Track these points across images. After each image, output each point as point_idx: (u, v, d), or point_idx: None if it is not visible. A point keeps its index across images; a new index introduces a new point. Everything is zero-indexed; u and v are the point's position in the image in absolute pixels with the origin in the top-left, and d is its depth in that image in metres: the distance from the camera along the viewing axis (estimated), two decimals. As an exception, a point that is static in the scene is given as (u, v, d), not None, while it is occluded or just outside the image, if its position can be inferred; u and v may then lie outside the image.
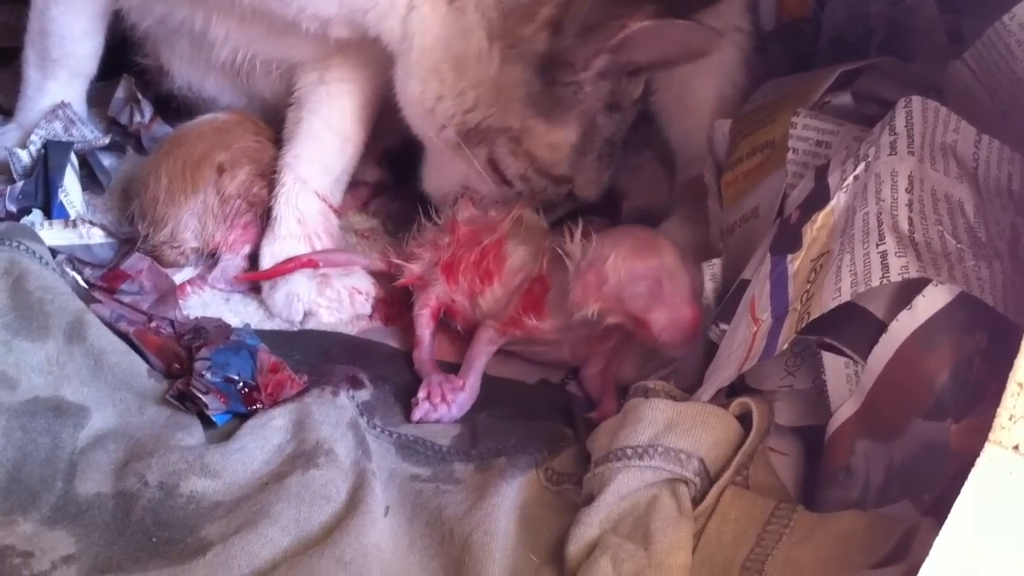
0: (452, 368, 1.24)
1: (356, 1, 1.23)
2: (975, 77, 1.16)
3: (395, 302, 1.34)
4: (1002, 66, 1.14)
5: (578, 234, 1.18)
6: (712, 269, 1.15)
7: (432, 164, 1.36)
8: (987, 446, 0.76)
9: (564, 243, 1.19)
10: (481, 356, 1.23)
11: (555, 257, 1.20)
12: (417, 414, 1.17)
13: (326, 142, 1.39)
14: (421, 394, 1.19)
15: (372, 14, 1.24)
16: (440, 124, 1.26)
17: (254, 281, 1.35)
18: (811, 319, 0.95)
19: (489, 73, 1.20)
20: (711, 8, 1.28)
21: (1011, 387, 0.76)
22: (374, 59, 1.30)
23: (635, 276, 1.13)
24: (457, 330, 1.30)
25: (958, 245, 0.96)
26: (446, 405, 1.18)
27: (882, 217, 0.96)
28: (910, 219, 0.96)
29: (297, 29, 1.27)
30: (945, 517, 0.76)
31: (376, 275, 1.36)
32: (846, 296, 0.94)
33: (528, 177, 1.28)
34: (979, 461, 0.76)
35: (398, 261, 1.32)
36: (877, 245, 0.94)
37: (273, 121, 1.44)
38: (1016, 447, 0.76)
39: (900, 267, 0.92)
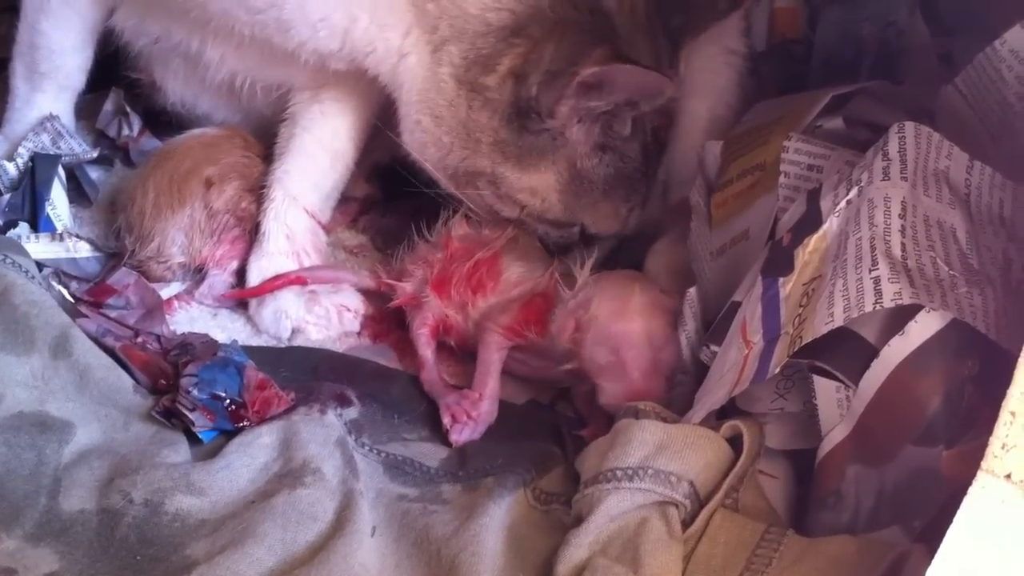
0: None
1: (357, 44, 1.24)
2: (966, 102, 1.17)
3: (384, 319, 1.34)
4: (992, 91, 1.14)
5: (589, 264, 1.20)
6: (689, 300, 1.15)
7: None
8: (979, 474, 0.76)
9: (573, 267, 1.21)
10: (495, 360, 1.23)
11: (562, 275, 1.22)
12: (455, 436, 1.17)
13: (317, 159, 1.39)
14: (446, 420, 1.18)
15: (371, 58, 1.25)
16: (433, 170, 1.28)
17: (242, 298, 1.34)
18: (803, 343, 0.95)
19: (460, 119, 1.22)
20: (706, 31, 1.29)
21: (1004, 416, 0.76)
22: (368, 82, 1.30)
23: (602, 338, 1.14)
24: (452, 350, 1.29)
25: (951, 272, 0.96)
26: (472, 422, 1.17)
27: (875, 242, 0.96)
28: (903, 245, 0.96)
29: (296, 58, 1.27)
30: (935, 543, 0.76)
31: (365, 292, 1.36)
32: (839, 321, 0.93)
33: (525, 221, 1.28)
34: (971, 489, 0.76)
35: (389, 281, 1.31)
36: (870, 271, 0.94)
37: (266, 136, 1.44)
38: (1008, 476, 0.75)
39: (893, 293, 0.92)
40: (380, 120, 1.39)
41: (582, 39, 1.17)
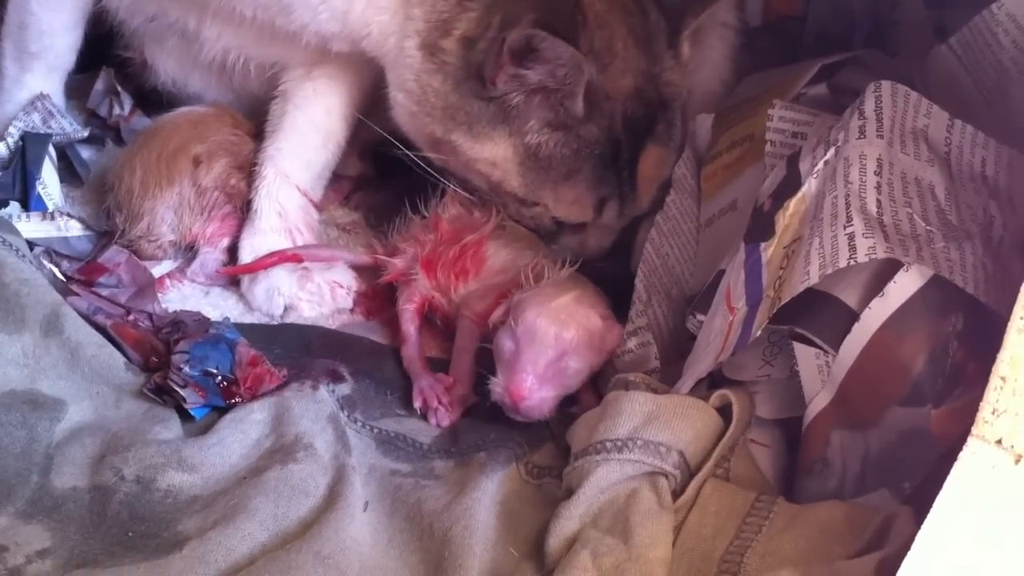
0: (438, 364, 1.24)
1: (355, 26, 1.24)
2: (960, 63, 1.17)
3: (376, 296, 1.34)
4: (987, 54, 1.14)
5: (568, 267, 1.21)
6: (633, 327, 1.16)
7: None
8: (970, 440, 0.76)
9: (552, 266, 1.21)
10: (468, 347, 1.23)
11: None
12: (433, 420, 1.17)
13: (309, 137, 1.38)
14: (417, 404, 1.18)
15: (367, 40, 1.25)
16: (417, 142, 1.28)
17: (235, 275, 1.34)
18: (782, 304, 0.95)
19: (422, 86, 1.22)
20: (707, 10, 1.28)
21: (994, 381, 0.76)
22: (361, 61, 1.30)
23: (512, 329, 1.13)
24: (439, 326, 1.29)
25: (927, 227, 0.96)
26: (444, 407, 1.17)
27: (850, 199, 0.96)
28: (878, 201, 0.96)
29: (296, 39, 1.27)
30: (925, 505, 0.76)
31: (358, 269, 1.36)
32: (815, 279, 0.93)
33: (495, 194, 1.27)
34: (962, 455, 0.76)
35: (383, 257, 1.31)
36: (845, 227, 0.94)
37: (256, 116, 1.43)
38: (999, 441, 0.76)
39: (868, 248, 0.92)
40: (371, 99, 1.38)
41: (523, 10, 1.15)
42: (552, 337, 1.11)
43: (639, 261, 1.21)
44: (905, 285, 0.93)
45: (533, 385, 1.11)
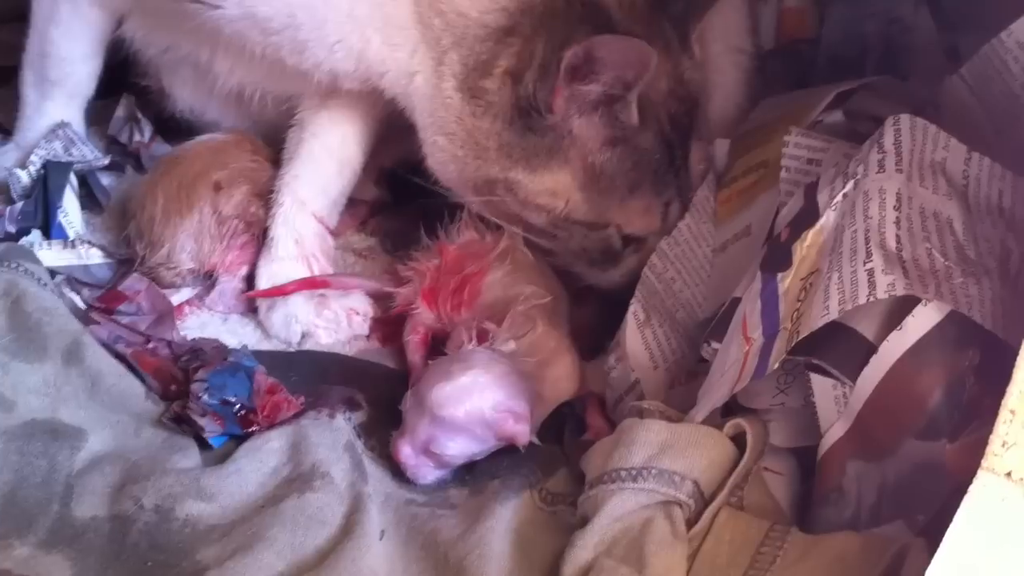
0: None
1: (371, 65, 1.24)
2: (971, 92, 1.16)
3: (393, 323, 1.33)
4: (998, 82, 1.14)
5: (539, 329, 1.19)
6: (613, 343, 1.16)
7: None
8: (980, 473, 0.76)
9: (543, 312, 1.21)
10: None
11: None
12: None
13: (325, 165, 1.39)
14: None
15: (385, 78, 1.25)
16: (459, 189, 1.27)
17: (254, 300, 1.35)
18: (800, 337, 0.95)
19: (467, 129, 1.21)
20: (713, 29, 1.29)
21: (1003, 414, 0.76)
22: (377, 90, 1.31)
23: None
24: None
25: (946, 262, 0.95)
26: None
27: (869, 235, 0.96)
28: (898, 237, 0.96)
29: (307, 76, 1.28)
30: (938, 538, 0.76)
31: (374, 296, 1.36)
32: (834, 314, 0.93)
33: (558, 227, 1.25)
34: (972, 488, 0.76)
35: (389, 289, 1.31)
36: (864, 263, 0.94)
37: (275, 142, 1.44)
38: (1009, 474, 0.75)
39: (887, 284, 0.92)
40: (387, 126, 1.39)
41: (572, 28, 1.15)
42: (432, 413, 1.09)
43: None
44: (923, 319, 0.93)
45: (409, 453, 1.11)
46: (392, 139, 1.41)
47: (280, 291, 1.33)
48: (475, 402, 1.09)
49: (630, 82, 1.15)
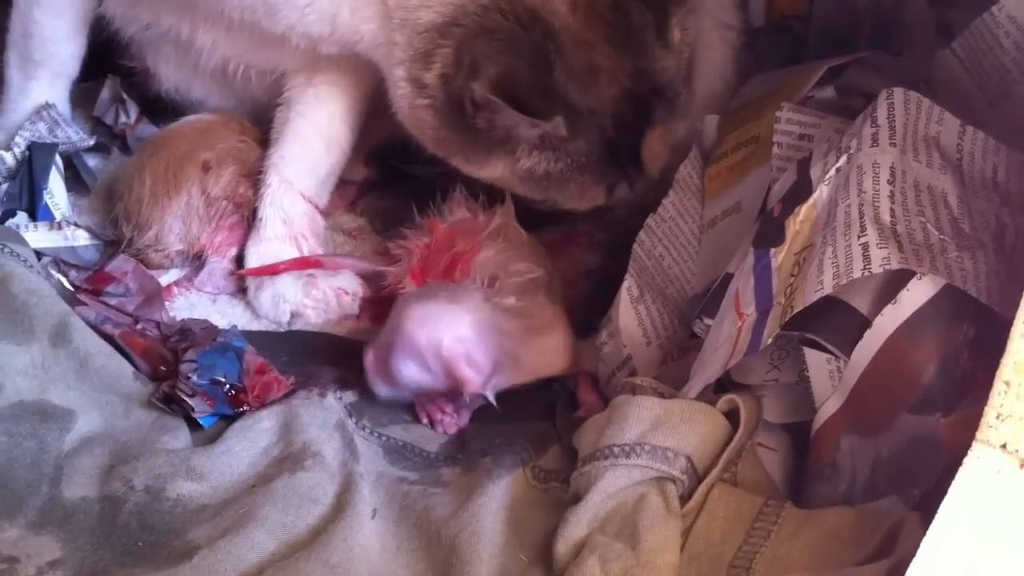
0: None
1: (345, 31, 1.23)
2: (963, 67, 1.16)
3: (382, 302, 1.32)
4: (990, 57, 1.14)
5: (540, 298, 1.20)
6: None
7: None
8: (974, 445, 0.75)
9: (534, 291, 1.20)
10: None
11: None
12: (441, 430, 1.18)
13: (312, 144, 1.38)
14: (423, 420, 1.19)
15: (360, 45, 1.25)
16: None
17: (243, 281, 1.34)
18: (794, 312, 0.95)
19: (415, 116, 1.22)
20: (703, 5, 1.27)
21: (998, 385, 0.76)
22: (363, 65, 1.30)
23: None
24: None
25: (941, 236, 0.95)
26: (449, 416, 1.18)
27: (864, 209, 0.96)
28: (892, 210, 0.96)
29: (287, 42, 1.27)
30: (932, 511, 0.76)
31: (364, 275, 1.36)
32: (828, 288, 0.93)
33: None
34: (966, 460, 0.76)
35: (379, 268, 1.31)
36: (859, 237, 0.94)
37: (262, 121, 1.43)
38: (1004, 446, 0.75)
39: (882, 258, 0.92)
40: (375, 104, 1.38)
41: (494, 53, 1.14)
42: (400, 325, 1.11)
43: None
44: (918, 293, 0.93)
45: (371, 359, 1.13)
46: (381, 119, 1.40)
47: (272, 269, 1.33)
48: (438, 330, 1.10)
49: (529, 137, 1.17)
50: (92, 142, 1.48)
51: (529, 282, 1.21)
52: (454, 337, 1.09)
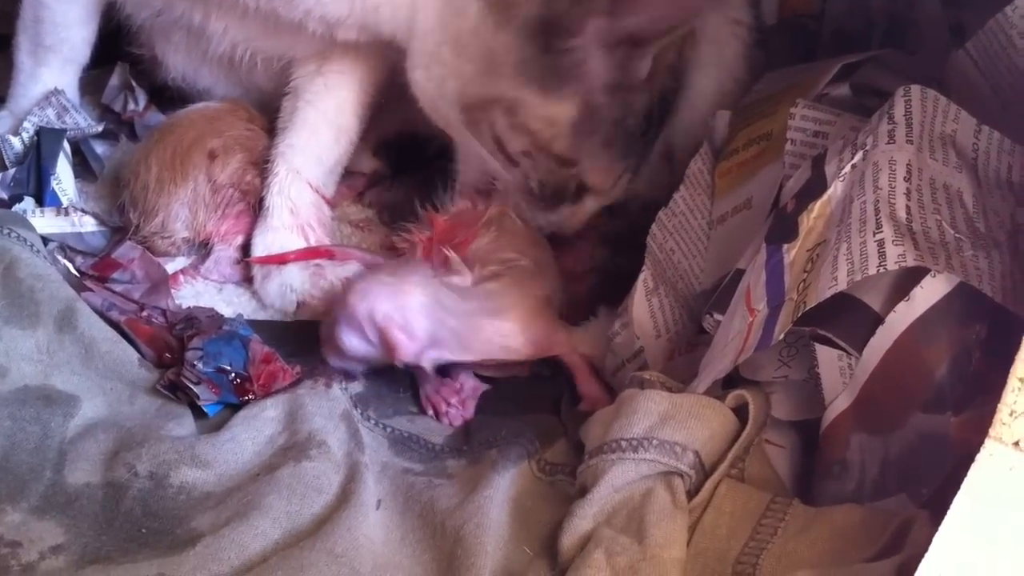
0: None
1: (366, 5, 1.21)
2: (977, 68, 1.16)
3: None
4: (1003, 57, 1.14)
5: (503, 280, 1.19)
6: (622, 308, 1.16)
7: (460, 157, 1.33)
8: (987, 442, 0.75)
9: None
10: None
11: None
12: (446, 421, 1.18)
13: (321, 133, 1.38)
14: (428, 412, 1.19)
15: (380, 15, 1.22)
16: (447, 107, 1.23)
17: (250, 270, 1.34)
18: (807, 308, 0.94)
19: (485, 43, 1.17)
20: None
21: (1012, 383, 0.76)
22: (373, 53, 1.29)
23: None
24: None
25: (956, 235, 0.95)
26: (454, 408, 1.17)
27: (879, 206, 0.96)
28: (908, 208, 0.96)
29: (302, 29, 1.26)
30: (942, 511, 0.75)
31: (370, 267, 1.35)
32: (842, 285, 0.93)
33: (530, 153, 1.22)
34: (979, 457, 0.75)
35: (377, 260, 1.31)
36: (874, 233, 0.94)
37: (268, 110, 1.43)
38: (1016, 443, 0.75)
39: (897, 255, 0.92)
40: (384, 95, 1.38)
41: None
42: (347, 297, 1.14)
43: None
44: (931, 291, 0.92)
45: (324, 334, 1.17)
46: (390, 109, 1.40)
47: (282, 258, 1.32)
48: (374, 303, 1.12)
49: (666, 29, 1.13)
50: (100, 129, 1.48)
51: (508, 268, 1.21)
52: (391, 307, 1.12)
